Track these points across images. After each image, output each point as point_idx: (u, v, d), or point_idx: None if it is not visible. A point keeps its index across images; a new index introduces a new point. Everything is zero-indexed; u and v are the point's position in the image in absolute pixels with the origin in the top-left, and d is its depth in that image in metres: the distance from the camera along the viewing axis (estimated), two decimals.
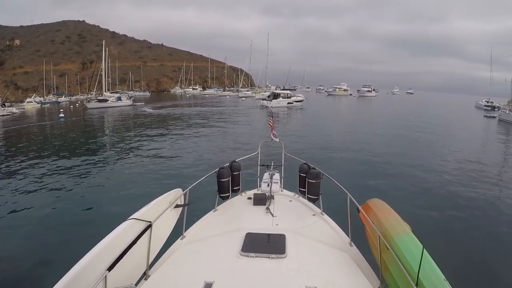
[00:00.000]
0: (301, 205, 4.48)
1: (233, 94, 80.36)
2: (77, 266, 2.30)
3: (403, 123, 31.97)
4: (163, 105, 49.86)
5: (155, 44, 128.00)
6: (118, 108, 44.62)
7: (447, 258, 6.11)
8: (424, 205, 9.71)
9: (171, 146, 18.16)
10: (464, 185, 11.87)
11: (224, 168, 4.47)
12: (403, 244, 2.56)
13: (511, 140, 26.39)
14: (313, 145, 18.90)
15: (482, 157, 17.66)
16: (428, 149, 18.93)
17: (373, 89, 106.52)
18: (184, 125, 27.52)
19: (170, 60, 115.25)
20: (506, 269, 6.53)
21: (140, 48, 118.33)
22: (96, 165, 14.09)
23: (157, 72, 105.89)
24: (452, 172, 13.59)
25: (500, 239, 7.74)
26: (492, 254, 7.10)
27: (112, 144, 19.70)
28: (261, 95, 67.50)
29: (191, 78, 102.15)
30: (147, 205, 3.26)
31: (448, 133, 27.06)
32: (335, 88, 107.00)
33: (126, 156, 15.81)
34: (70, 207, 9.13)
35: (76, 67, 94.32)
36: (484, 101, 70.09)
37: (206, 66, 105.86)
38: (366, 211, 3.28)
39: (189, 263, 3.01)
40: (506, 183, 12.90)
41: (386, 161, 15.25)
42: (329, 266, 2.95)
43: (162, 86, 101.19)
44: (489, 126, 36.32)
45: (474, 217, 9.00)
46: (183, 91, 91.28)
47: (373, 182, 11.68)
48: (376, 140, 21.70)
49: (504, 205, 10.01)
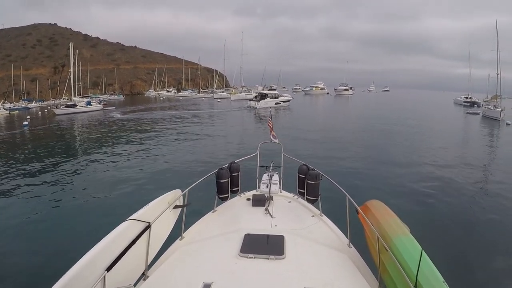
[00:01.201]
0: (300, 206, 4.51)
1: (208, 96, 78.76)
2: (76, 266, 2.31)
3: (395, 122, 32.06)
4: (135, 109, 47.80)
5: (129, 46, 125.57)
6: (87, 114, 42.31)
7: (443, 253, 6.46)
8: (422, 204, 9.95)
9: (129, 163, 15.12)
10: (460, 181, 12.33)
11: (223, 169, 4.48)
12: (402, 246, 2.59)
13: (501, 137, 27.18)
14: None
15: (475, 155, 17.93)
16: (419, 148, 19.02)
17: (350, 87, 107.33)
18: (151, 134, 24.36)
19: (144, 63, 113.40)
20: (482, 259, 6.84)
21: (113, 51, 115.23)
22: (48, 183, 12.21)
23: (131, 75, 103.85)
24: (445, 170, 14.02)
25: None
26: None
27: (70, 157, 17.28)
28: (236, 96, 66.57)
29: (165, 80, 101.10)
30: (146, 206, 3.25)
31: (437, 132, 27.25)
32: (312, 87, 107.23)
33: (79, 172, 13.90)
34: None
35: (47, 71, 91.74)
36: (463, 97, 71.91)
37: (181, 67, 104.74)
38: (365, 212, 3.33)
39: (188, 264, 3.02)
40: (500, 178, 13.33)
41: (400, 164, 15.24)
42: (328, 267, 2.98)
43: (136, 89, 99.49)
44: (474, 123, 36.13)
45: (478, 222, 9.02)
46: (157, 93, 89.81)
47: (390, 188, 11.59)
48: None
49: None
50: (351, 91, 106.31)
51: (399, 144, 20.66)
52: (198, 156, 16.58)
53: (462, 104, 67.30)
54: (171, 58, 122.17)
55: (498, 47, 42.69)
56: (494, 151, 20.68)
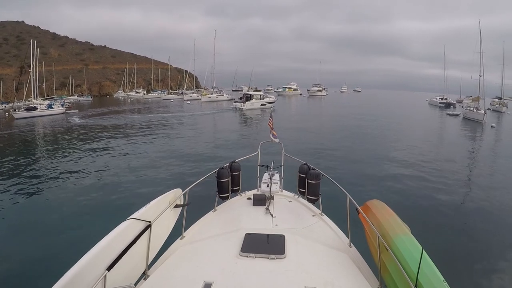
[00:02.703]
0: (301, 205, 4.52)
1: (177, 97, 76.58)
2: (77, 265, 2.31)
3: (376, 126, 31.15)
4: (98, 113, 44.15)
5: (98, 46, 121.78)
6: (48, 118, 38.82)
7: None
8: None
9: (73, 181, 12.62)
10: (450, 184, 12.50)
11: (224, 169, 4.47)
12: (402, 245, 2.60)
13: (488, 139, 26.93)
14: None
15: (468, 158, 18.52)
16: (406, 151, 18.82)
17: (323, 88, 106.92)
18: (103, 144, 20.57)
19: (113, 63, 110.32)
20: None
21: (82, 50, 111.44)
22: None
23: (100, 75, 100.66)
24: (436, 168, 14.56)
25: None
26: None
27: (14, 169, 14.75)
28: (207, 97, 64.14)
29: (135, 81, 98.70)
30: (147, 205, 3.24)
31: (423, 135, 27.06)
32: (284, 88, 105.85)
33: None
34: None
35: (14, 71, 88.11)
36: (438, 98, 73.31)
37: (151, 68, 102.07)
38: (365, 212, 3.34)
39: (189, 263, 3.02)
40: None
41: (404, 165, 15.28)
42: (328, 267, 2.99)
43: (105, 90, 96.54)
44: (457, 125, 35.63)
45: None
46: (126, 95, 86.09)
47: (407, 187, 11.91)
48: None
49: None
50: (324, 92, 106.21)
51: (383, 146, 20.64)
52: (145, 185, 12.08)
53: (438, 105, 68.19)
54: (141, 58, 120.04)
55: (481, 49, 42.86)
56: (487, 153, 20.74)
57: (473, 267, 6.75)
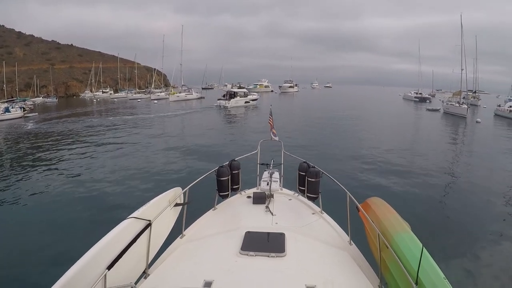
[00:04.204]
0: (301, 203, 4.51)
1: (145, 97, 72.03)
2: (77, 264, 2.29)
3: (356, 123, 30.44)
4: (58, 115, 39.54)
5: (65, 44, 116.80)
6: (5, 123, 34.21)
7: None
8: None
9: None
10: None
11: (223, 167, 4.45)
12: (403, 243, 2.60)
13: (478, 135, 26.56)
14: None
15: (460, 154, 18.44)
16: (395, 149, 18.47)
17: (295, 84, 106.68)
18: (49, 157, 16.88)
19: (81, 62, 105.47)
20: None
21: (48, 50, 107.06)
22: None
23: (66, 75, 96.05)
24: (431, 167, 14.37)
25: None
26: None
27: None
28: (175, 96, 60.72)
29: (101, 80, 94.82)
30: (147, 204, 3.21)
31: (407, 131, 26.89)
32: (255, 85, 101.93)
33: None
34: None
35: None
36: (413, 92, 74.92)
37: (119, 66, 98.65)
38: (365, 209, 3.35)
39: (189, 261, 3.01)
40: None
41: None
42: (328, 265, 3.00)
43: (72, 91, 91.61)
44: (442, 121, 34.93)
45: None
46: (93, 95, 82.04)
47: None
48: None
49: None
50: (296, 88, 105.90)
51: (366, 142, 20.23)
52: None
53: (413, 100, 69.27)
54: (109, 56, 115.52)
55: (463, 42, 42.70)
56: (476, 148, 20.44)
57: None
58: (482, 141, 24.08)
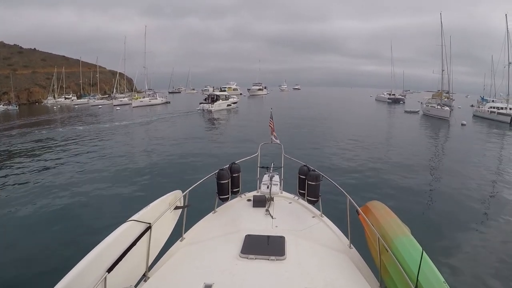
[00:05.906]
0: (301, 207, 4.50)
1: (107, 103, 67.28)
2: (77, 267, 2.27)
3: (329, 125, 28.93)
4: (8, 127, 31.67)
5: (27, 49, 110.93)
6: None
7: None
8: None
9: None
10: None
11: (223, 170, 4.42)
12: (403, 246, 2.57)
13: (468, 138, 24.15)
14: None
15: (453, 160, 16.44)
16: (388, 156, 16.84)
17: (264, 86, 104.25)
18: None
19: (44, 67, 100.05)
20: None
21: (10, 54, 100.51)
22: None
23: (29, 81, 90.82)
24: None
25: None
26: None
27: None
28: (138, 101, 56.81)
29: (66, 85, 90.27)
30: (147, 207, 3.20)
31: (390, 136, 25.11)
32: (224, 88, 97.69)
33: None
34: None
35: None
36: (386, 93, 73.33)
37: (83, 71, 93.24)
38: (365, 213, 3.31)
39: (189, 265, 2.99)
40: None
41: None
42: (328, 268, 2.96)
43: (34, 97, 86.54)
44: (421, 125, 32.52)
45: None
46: (55, 101, 76.42)
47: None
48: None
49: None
50: (265, 90, 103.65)
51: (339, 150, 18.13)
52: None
53: (386, 101, 67.62)
54: (74, 61, 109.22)
55: (443, 42, 40.85)
56: (483, 159, 16.84)
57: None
58: (481, 148, 20.51)
